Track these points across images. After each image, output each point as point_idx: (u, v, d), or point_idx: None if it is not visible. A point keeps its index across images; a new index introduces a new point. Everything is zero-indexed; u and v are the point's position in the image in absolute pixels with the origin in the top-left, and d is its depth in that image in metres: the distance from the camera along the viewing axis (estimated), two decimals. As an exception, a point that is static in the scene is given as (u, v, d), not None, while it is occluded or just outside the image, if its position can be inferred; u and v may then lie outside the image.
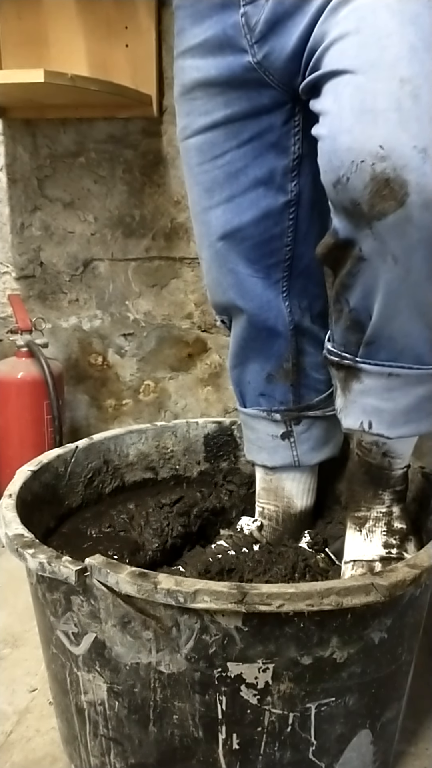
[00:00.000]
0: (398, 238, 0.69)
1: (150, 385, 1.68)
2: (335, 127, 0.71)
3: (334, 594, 0.69)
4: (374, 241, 0.71)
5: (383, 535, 0.88)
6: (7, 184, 1.60)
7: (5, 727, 0.99)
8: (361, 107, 0.68)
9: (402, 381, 0.78)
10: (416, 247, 0.69)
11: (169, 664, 0.73)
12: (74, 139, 1.56)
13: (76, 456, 1.07)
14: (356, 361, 0.80)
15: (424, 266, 0.70)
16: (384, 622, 0.76)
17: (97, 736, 0.82)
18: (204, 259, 0.97)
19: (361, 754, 0.81)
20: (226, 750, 0.76)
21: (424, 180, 0.65)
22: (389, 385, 0.79)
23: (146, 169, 1.55)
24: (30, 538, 0.80)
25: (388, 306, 0.74)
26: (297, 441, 1.01)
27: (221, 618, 0.70)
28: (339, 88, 0.71)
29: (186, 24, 0.87)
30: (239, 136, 0.88)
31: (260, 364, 0.99)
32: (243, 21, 0.81)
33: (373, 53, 0.68)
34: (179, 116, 0.93)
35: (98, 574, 0.72)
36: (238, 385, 1.03)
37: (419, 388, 0.78)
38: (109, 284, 1.63)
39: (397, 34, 0.68)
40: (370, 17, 0.69)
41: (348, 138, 0.69)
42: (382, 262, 0.72)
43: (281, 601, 0.68)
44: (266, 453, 1.03)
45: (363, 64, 0.69)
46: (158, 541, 0.98)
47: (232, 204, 0.91)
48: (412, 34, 0.67)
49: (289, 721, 0.75)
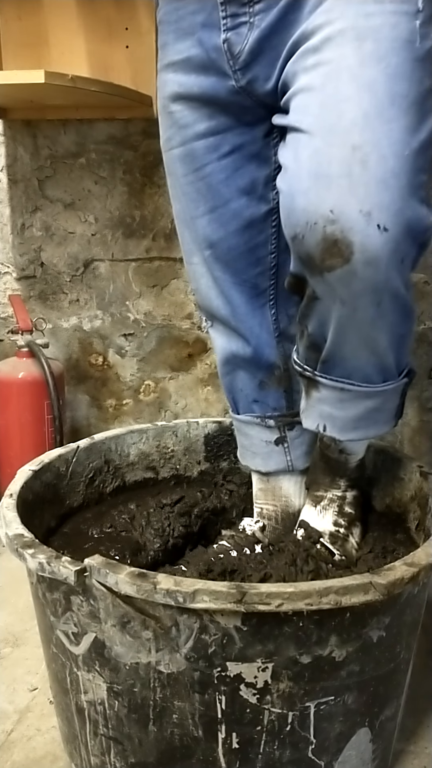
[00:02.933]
0: (345, 287, 0.76)
1: (150, 385, 1.69)
2: (294, 187, 0.77)
3: (333, 593, 0.69)
4: (325, 286, 0.78)
5: (334, 514, 0.98)
6: (8, 185, 1.60)
7: (6, 725, 0.99)
8: (317, 171, 0.75)
9: (352, 395, 0.86)
10: (360, 295, 0.76)
11: (169, 663, 0.74)
12: (75, 140, 1.56)
13: (78, 456, 1.08)
14: (315, 374, 0.88)
15: (368, 308, 0.78)
16: (382, 620, 0.76)
17: (97, 735, 0.82)
18: (192, 265, 0.98)
19: (360, 752, 0.82)
20: (226, 749, 0.77)
21: (367, 240, 0.72)
22: (342, 396, 0.86)
23: (146, 170, 1.55)
24: (30, 538, 0.80)
25: (339, 336, 0.82)
26: (291, 446, 1.02)
27: (220, 618, 0.71)
28: (299, 148, 0.77)
29: (169, 39, 0.88)
30: (220, 148, 0.89)
31: (251, 372, 1.01)
32: (225, 47, 0.83)
33: (332, 117, 0.74)
34: (162, 128, 0.94)
35: (97, 575, 0.72)
36: (230, 392, 1.04)
37: (368, 402, 0.86)
38: (110, 284, 1.63)
39: (354, 100, 0.73)
40: (333, 76, 0.74)
41: (304, 200, 0.76)
42: (332, 302, 0.79)
43: (280, 600, 0.68)
44: (260, 458, 1.04)
45: (322, 127, 0.75)
46: (160, 542, 0.98)
47: (215, 214, 0.92)
48: (366, 101, 0.73)
49: (289, 719, 0.76)
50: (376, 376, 0.85)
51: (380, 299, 0.77)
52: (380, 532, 1.00)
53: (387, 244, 0.73)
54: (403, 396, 0.89)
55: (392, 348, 0.83)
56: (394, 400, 0.88)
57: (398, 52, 0.72)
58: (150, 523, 1.00)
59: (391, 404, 0.88)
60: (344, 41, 0.74)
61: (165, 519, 1.01)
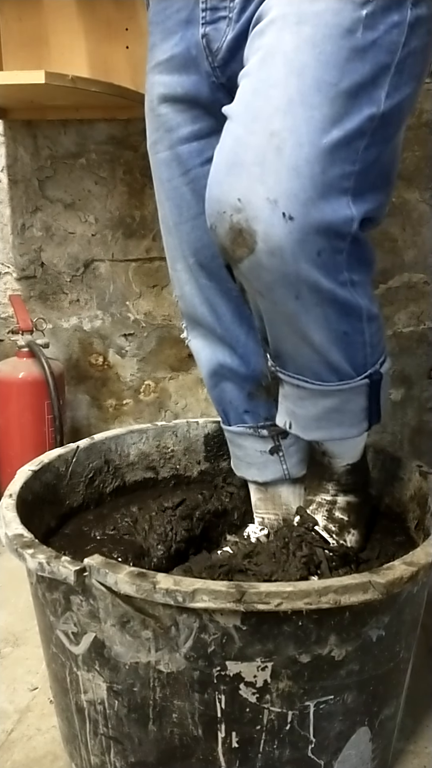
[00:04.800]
0: (256, 278, 0.75)
1: (150, 385, 1.69)
2: (212, 178, 0.76)
3: (332, 592, 0.69)
4: (242, 278, 0.78)
5: (323, 519, 0.95)
6: (8, 185, 1.60)
7: (6, 725, 0.99)
8: (234, 160, 0.73)
9: (308, 393, 0.84)
10: (273, 287, 0.75)
11: (169, 663, 0.74)
12: (75, 140, 1.56)
13: (77, 456, 1.08)
14: (276, 370, 0.87)
15: (287, 302, 0.76)
16: (382, 619, 0.76)
17: (97, 734, 0.82)
18: (177, 271, 0.97)
19: (359, 751, 0.82)
20: (226, 748, 0.77)
21: (270, 230, 0.70)
22: (300, 394, 0.85)
23: (147, 170, 1.53)
24: (29, 538, 0.80)
25: (273, 330, 0.82)
26: (286, 454, 1.00)
27: (220, 617, 0.71)
28: (225, 137, 0.76)
29: (157, 39, 0.88)
30: (204, 153, 0.88)
31: (239, 383, 0.99)
32: (204, 43, 0.82)
33: (259, 103, 0.72)
34: (149, 130, 0.93)
35: (97, 574, 0.72)
36: (219, 404, 1.03)
37: (325, 401, 0.84)
38: (110, 285, 1.63)
39: (282, 86, 0.71)
40: (269, 61, 0.72)
41: (218, 190, 0.75)
42: (254, 294, 0.79)
43: (279, 599, 0.68)
44: (256, 469, 1.02)
45: (247, 114, 0.73)
46: (163, 548, 0.98)
47: (199, 221, 0.89)
48: (293, 87, 0.70)
49: (288, 719, 0.76)
50: (327, 374, 0.82)
51: (297, 292, 0.74)
52: (380, 533, 1.00)
53: (291, 234, 0.70)
54: (370, 399, 0.85)
55: (335, 346, 0.80)
56: (356, 401, 0.85)
57: (335, 40, 0.69)
58: (153, 528, 1.00)
59: (353, 406, 0.85)
60: (285, 25, 0.71)
61: (167, 523, 1.01)
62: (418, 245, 1.55)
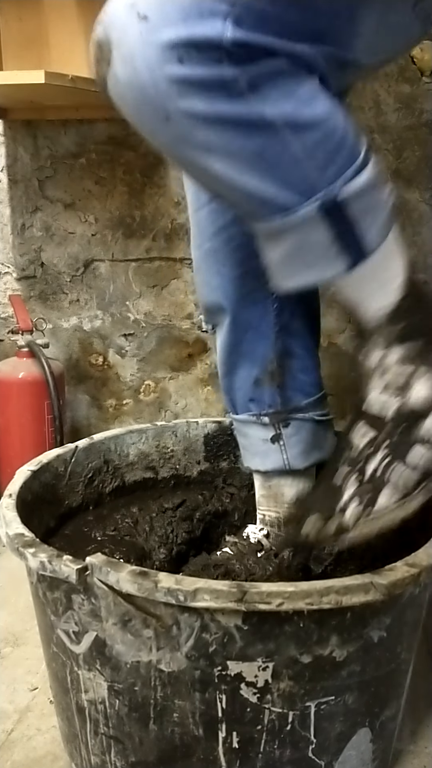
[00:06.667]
0: (122, 104, 0.68)
1: (150, 385, 1.69)
2: None
3: (334, 593, 0.69)
4: (115, 104, 0.70)
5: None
6: (8, 185, 1.60)
7: (6, 725, 0.99)
8: None
9: (267, 232, 0.74)
10: (139, 110, 0.68)
11: (170, 662, 0.74)
12: (75, 140, 1.56)
13: (77, 456, 1.08)
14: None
15: (161, 129, 0.68)
16: (383, 620, 0.76)
17: (98, 734, 0.82)
18: (194, 259, 0.99)
19: (360, 752, 0.82)
20: (226, 748, 0.77)
21: (123, 35, 0.64)
22: (265, 236, 0.75)
23: (147, 170, 1.55)
24: (30, 538, 0.80)
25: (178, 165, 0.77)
26: (287, 444, 1.00)
27: (221, 616, 0.71)
28: None
29: None
30: None
31: (247, 369, 1.00)
32: None
33: None
34: None
35: (99, 573, 0.72)
36: (228, 393, 1.03)
37: (281, 243, 0.73)
38: (110, 285, 1.63)
39: None
40: None
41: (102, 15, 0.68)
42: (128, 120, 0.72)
43: (281, 599, 0.68)
44: (258, 458, 1.03)
45: None
46: (165, 550, 0.98)
47: (212, 206, 0.92)
48: None
49: (289, 719, 0.76)
50: (261, 210, 0.71)
51: (166, 113, 0.65)
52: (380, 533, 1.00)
53: (142, 35, 0.62)
54: (338, 227, 0.71)
55: (249, 172, 0.68)
56: (316, 234, 0.71)
57: None
58: (154, 529, 1.00)
59: (318, 236, 0.72)
60: None
61: (168, 525, 1.02)
62: (418, 245, 1.55)
